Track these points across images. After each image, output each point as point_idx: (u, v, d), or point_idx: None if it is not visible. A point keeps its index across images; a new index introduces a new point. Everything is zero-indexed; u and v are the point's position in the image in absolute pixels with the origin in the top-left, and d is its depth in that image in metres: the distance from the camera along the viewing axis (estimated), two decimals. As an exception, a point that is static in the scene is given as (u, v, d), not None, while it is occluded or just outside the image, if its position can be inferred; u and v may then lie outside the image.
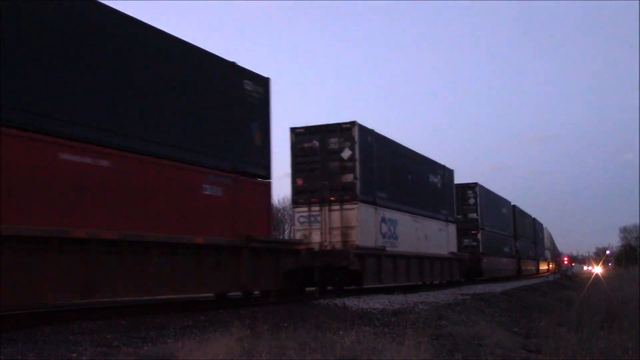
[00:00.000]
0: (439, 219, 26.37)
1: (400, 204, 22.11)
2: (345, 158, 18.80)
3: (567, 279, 53.97)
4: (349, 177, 18.77)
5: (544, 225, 71.14)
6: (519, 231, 46.01)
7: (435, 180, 26.61)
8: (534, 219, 59.18)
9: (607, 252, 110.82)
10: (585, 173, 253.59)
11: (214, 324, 9.61)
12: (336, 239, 18.72)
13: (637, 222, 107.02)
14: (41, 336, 8.09)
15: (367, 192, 19.39)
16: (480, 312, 15.80)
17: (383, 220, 20.53)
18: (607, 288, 29.60)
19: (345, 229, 18.69)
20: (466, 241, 32.55)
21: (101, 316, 10.43)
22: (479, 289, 24.23)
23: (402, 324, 10.87)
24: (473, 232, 33.05)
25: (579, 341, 10.03)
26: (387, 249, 20.39)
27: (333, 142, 18.96)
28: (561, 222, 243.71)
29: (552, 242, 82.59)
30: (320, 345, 7.34)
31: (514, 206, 46.03)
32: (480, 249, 32.82)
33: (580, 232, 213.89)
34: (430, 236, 24.90)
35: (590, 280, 39.78)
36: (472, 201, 33.45)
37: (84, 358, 6.64)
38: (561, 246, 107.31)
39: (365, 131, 19.73)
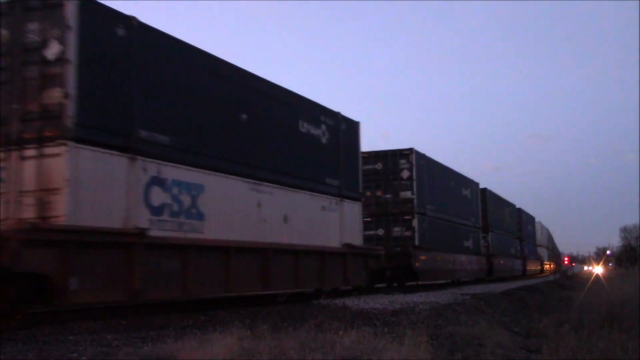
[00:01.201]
0: (320, 192, 16.53)
1: (215, 159, 12.69)
2: (49, 58, 9.92)
3: (568, 279, 53.93)
4: (52, 94, 9.85)
5: (537, 220, 62.63)
6: (491, 222, 36.60)
7: (315, 131, 16.66)
8: (520, 210, 49.84)
9: (608, 252, 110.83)
10: (585, 173, 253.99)
11: (214, 324, 9.62)
12: (29, 212, 9.65)
13: (637, 222, 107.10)
14: (41, 336, 8.11)
15: (104, 124, 10.42)
16: (480, 312, 15.81)
17: (158, 182, 11.18)
18: (608, 288, 29.58)
19: (44, 194, 9.67)
20: (397, 230, 23.49)
21: (101, 316, 10.44)
22: (479, 289, 24.23)
23: (402, 323, 10.89)
24: (406, 217, 23.53)
25: (579, 341, 10.03)
26: (158, 233, 10.98)
27: (33, 29, 10.11)
28: (561, 222, 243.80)
29: (550, 239, 76.61)
30: (320, 345, 7.35)
31: (484, 189, 36.29)
32: (416, 241, 23.40)
33: (580, 232, 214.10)
34: (297, 218, 15.30)
35: (591, 280, 39.75)
36: (405, 174, 23.76)
37: (84, 358, 6.65)
38: (561, 246, 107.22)
39: (99, 10, 10.55)
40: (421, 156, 25.08)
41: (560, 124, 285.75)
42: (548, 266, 68.08)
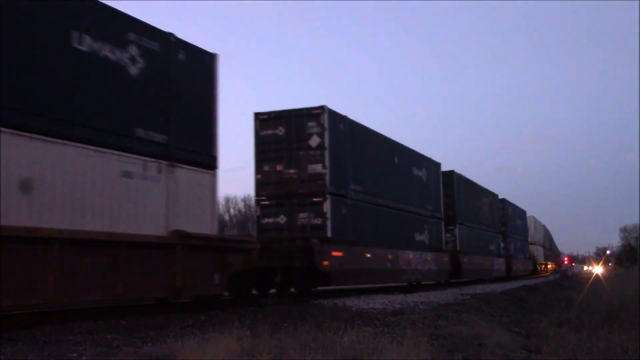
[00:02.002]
0: (122, 149, 10.90)
1: None
2: None
3: (568, 279, 53.96)
4: None
5: (530, 214, 55.46)
6: (461, 212, 30.37)
7: (115, 55, 10.90)
8: (505, 201, 43.40)
9: (608, 252, 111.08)
10: (585, 173, 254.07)
11: (214, 324, 9.63)
12: None
13: (637, 222, 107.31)
14: (41, 336, 8.12)
15: None
16: (480, 312, 15.81)
17: None
18: (608, 288, 29.60)
19: None
20: (303, 217, 17.61)
21: (101, 316, 10.45)
22: (479, 289, 24.25)
23: (402, 323, 10.89)
24: (315, 199, 17.55)
25: (579, 341, 10.03)
26: None
27: None
28: (561, 222, 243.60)
29: (547, 237, 71.06)
30: (320, 345, 7.35)
31: (450, 172, 29.82)
32: (328, 232, 17.42)
33: (580, 232, 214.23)
34: (59, 186, 9.76)
35: (591, 280, 39.78)
36: (314, 141, 17.71)
37: (84, 358, 6.66)
38: (561, 246, 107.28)
39: None
40: (339, 118, 18.73)
41: (560, 124, 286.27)
42: (543, 266, 61.98)
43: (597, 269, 61.07)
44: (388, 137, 22.60)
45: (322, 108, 17.93)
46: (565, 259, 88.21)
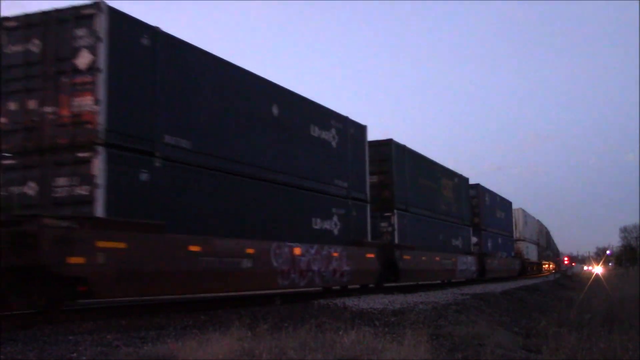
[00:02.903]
0: None
1: None
2: None
3: (567, 279, 53.95)
4: None
5: (517, 207, 47.52)
6: (402, 195, 22.60)
7: None
8: (479, 187, 35.12)
9: (608, 252, 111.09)
10: (585, 173, 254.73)
11: (214, 324, 9.64)
12: None
13: (637, 222, 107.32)
14: (41, 336, 8.12)
15: None
16: (480, 312, 15.81)
17: None
18: (608, 288, 29.60)
19: None
20: (62, 184, 10.36)
21: (101, 316, 10.46)
22: (479, 289, 24.24)
23: (402, 323, 10.89)
24: (80, 155, 10.28)
25: (579, 341, 10.04)
26: None
27: None
28: (561, 222, 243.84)
29: (542, 234, 64.20)
30: (320, 345, 7.35)
31: (387, 142, 22.40)
32: (99, 210, 10.07)
33: (580, 232, 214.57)
34: None
35: (591, 280, 39.79)
36: (83, 60, 10.40)
37: (84, 358, 6.66)
38: (561, 246, 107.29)
39: None
40: (136, 26, 11.42)
41: (560, 124, 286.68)
42: (535, 267, 54.81)
43: (597, 269, 61.06)
44: (260, 75, 15.00)
45: (96, 6, 10.61)
46: (565, 258, 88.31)
